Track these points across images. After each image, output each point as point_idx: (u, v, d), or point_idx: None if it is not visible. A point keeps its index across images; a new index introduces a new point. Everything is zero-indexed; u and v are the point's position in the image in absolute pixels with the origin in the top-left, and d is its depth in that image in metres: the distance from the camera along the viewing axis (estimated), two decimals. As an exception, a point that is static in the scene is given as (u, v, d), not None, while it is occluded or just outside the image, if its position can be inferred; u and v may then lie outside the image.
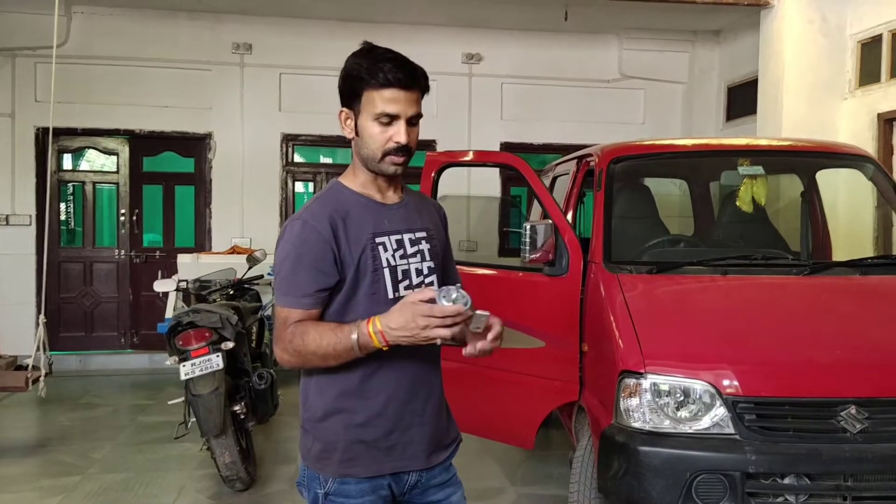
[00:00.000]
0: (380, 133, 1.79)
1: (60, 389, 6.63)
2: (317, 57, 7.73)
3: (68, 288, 8.16)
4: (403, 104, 1.78)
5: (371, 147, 1.81)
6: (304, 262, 1.78)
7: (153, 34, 7.91)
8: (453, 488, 1.97)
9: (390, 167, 1.83)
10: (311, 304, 1.78)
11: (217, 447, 4.15)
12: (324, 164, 9.17)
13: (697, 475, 2.61)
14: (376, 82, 1.76)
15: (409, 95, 1.78)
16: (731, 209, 4.05)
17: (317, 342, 1.73)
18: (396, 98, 1.77)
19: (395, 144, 1.79)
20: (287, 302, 1.79)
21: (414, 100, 1.80)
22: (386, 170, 1.83)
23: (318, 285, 1.77)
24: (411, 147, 1.82)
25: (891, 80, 5.96)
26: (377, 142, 1.80)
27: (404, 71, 1.77)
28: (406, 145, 1.80)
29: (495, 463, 4.84)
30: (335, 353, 1.72)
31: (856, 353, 2.84)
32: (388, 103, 1.77)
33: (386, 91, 1.77)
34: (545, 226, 3.44)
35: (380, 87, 1.77)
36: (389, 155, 1.81)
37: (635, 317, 2.95)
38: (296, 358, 1.77)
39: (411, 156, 1.84)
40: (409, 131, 1.80)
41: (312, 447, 1.86)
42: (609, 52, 8.66)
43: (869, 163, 3.87)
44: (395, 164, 1.82)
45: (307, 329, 1.75)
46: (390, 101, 1.77)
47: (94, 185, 8.31)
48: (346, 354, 1.72)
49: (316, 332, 1.74)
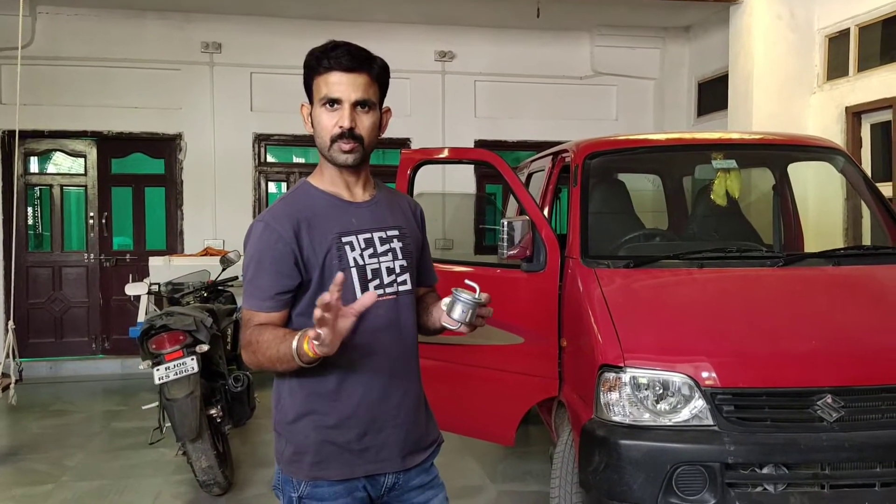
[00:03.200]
0: (327, 119, 1.77)
1: (31, 397, 6.49)
2: (288, 56, 7.56)
3: (37, 293, 8.00)
4: (346, 87, 1.74)
5: (321, 135, 1.79)
6: (264, 265, 1.75)
7: (120, 34, 7.80)
8: (435, 490, 1.94)
9: (340, 155, 1.78)
10: (271, 306, 1.75)
11: (193, 452, 4.08)
12: (297, 163, 9.10)
13: (677, 467, 2.62)
14: (322, 68, 1.76)
15: (353, 78, 1.75)
16: (705, 203, 4.08)
17: (267, 345, 1.70)
18: (339, 81, 1.74)
19: (339, 130, 1.75)
20: (250, 304, 1.77)
21: (360, 84, 1.75)
22: (336, 158, 1.79)
23: (278, 288, 1.75)
24: (360, 134, 1.77)
25: (858, 73, 6.06)
26: (325, 128, 1.77)
27: (347, 54, 1.75)
28: (351, 129, 1.75)
29: (475, 461, 4.83)
30: (279, 357, 1.67)
31: (831, 343, 2.87)
32: (331, 87, 1.75)
33: (329, 75, 1.75)
34: (522, 222, 3.43)
35: (324, 72, 1.75)
36: (336, 141, 1.77)
37: (613, 311, 2.95)
38: (254, 358, 1.74)
39: (364, 144, 1.79)
40: (356, 117, 1.76)
41: (285, 450, 1.84)
42: (581, 49, 8.71)
43: (839, 155, 3.92)
44: (344, 150, 1.77)
45: (263, 331, 1.72)
46: (333, 84, 1.75)
47: (62, 188, 8.17)
48: (287, 361, 1.66)
49: (269, 335, 1.71)
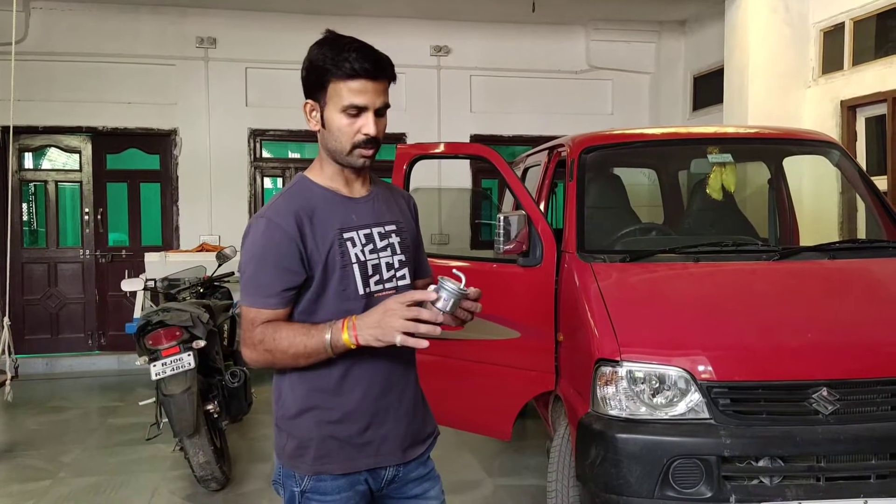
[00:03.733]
0: (348, 125, 1.74)
1: (27, 393, 6.49)
2: (283, 50, 7.62)
3: (32, 290, 7.99)
4: (371, 95, 1.73)
5: (339, 140, 1.77)
6: (269, 262, 1.74)
7: (115, 29, 7.77)
8: (431, 482, 1.96)
9: (359, 160, 1.79)
10: (277, 303, 1.74)
11: (191, 447, 4.09)
12: (292, 159, 9.06)
13: (674, 460, 2.62)
14: (343, 73, 1.70)
15: (376, 86, 1.73)
16: (701, 197, 4.09)
17: (289, 341, 1.70)
18: (364, 89, 1.72)
19: (364, 137, 1.75)
20: (253, 302, 1.75)
21: (382, 90, 1.75)
22: (355, 162, 1.79)
23: (285, 284, 1.74)
24: (379, 139, 1.78)
25: (853, 67, 6.06)
26: (345, 134, 1.75)
27: (371, 61, 1.71)
28: (375, 137, 1.76)
29: (472, 455, 4.84)
30: (306, 352, 1.70)
31: (826, 336, 2.88)
32: (356, 95, 1.72)
33: (353, 82, 1.71)
34: (518, 217, 3.43)
35: (346, 78, 1.71)
36: (358, 148, 1.77)
37: (610, 305, 2.96)
38: (265, 357, 1.74)
39: (379, 147, 1.81)
40: (377, 122, 1.76)
41: (287, 445, 1.84)
42: (577, 44, 8.71)
43: (835, 149, 3.93)
44: (364, 156, 1.78)
45: (279, 328, 1.72)
46: (358, 92, 1.72)
47: (57, 184, 8.15)
48: (316, 354, 1.70)
49: (288, 331, 1.71)
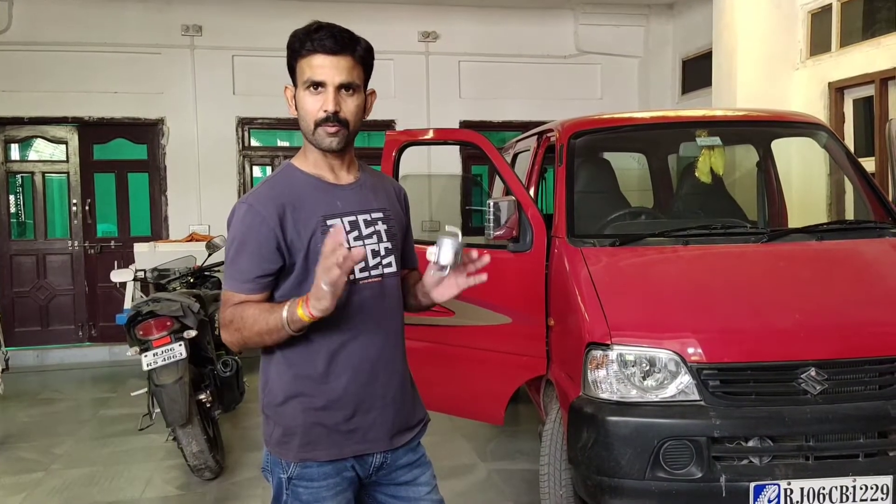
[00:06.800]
0: (311, 103, 1.76)
1: (18, 385, 6.47)
2: (270, 38, 7.48)
3: (21, 282, 7.95)
4: (330, 70, 1.73)
5: (305, 119, 1.78)
6: (246, 248, 1.76)
7: (100, 18, 7.70)
8: (422, 468, 1.96)
9: (324, 139, 1.77)
10: (251, 289, 1.76)
11: (183, 437, 4.09)
12: (281, 147, 9.02)
13: (664, 442, 2.64)
14: (305, 51, 1.74)
15: (337, 61, 1.73)
16: (690, 180, 4.10)
17: (254, 318, 1.72)
18: (322, 64, 1.73)
19: (324, 113, 1.74)
20: (231, 286, 1.79)
21: (344, 66, 1.74)
22: (321, 142, 1.78)
23: (259, 271, 1.75)
24: (345, 117, 1.76)
25: (841, 49, 6.07)
26: (309, 113, 1.76)
27: (330, 37, 1.73)
28: (335, 112, 1.74)
29: (465, 440, 4.87)
30: (267, 328, 1.70)
31: (814, 317, 2.90)
32: (314, 70, 1.73)
33: (314, 58, 1.73)
34: (508, 202, 3.43)
35: (307, 55, 1.74)
36: (320, 126, 1.76)
37: (600, 289, 2.97)
38: (236, 336, 1.76)
39: (348, 127, 1.78)
40: (341, 100, 1.75)
41: (273, 432, 1.84)
42: (565, 28, 8.68)
43: (822, 131, 3.94)
44: (329, 134, 1.76)
45: (246, 308, 1.74)
46: (317, 67, 1.73)
47: (44, 176, 8.09)
48: (277, 331, 1.70)
49: (254, 310, 1.73)
